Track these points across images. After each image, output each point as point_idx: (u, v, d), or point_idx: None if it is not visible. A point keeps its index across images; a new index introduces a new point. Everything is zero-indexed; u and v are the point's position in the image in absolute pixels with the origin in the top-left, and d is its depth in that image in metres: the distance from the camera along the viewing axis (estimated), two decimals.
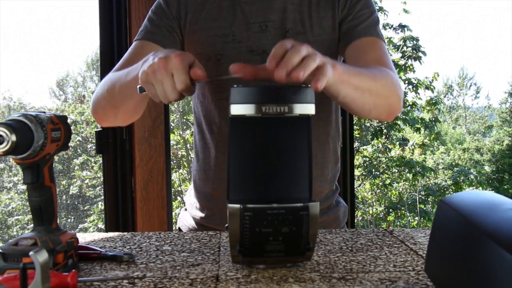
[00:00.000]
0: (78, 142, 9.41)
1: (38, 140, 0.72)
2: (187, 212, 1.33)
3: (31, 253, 0.59)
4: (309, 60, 0.79)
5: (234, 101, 0.75)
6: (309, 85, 0.78)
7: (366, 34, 1.17)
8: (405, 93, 7.34)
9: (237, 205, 0.73)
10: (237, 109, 0.74)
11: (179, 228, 1.36)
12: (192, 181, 1.33)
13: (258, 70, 0.83)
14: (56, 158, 0.88)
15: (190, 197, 1.34)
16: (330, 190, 1.28)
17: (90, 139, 8.88)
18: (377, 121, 7.19)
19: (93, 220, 8.47)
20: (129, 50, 1.20)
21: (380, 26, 1.25)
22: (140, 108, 1.12)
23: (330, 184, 1.27)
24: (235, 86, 0.76)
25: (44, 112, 0.76)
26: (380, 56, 1.15)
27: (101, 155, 1.98)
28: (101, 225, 8.21)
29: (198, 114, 1.28)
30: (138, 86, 0.88)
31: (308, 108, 0.75)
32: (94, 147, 8.45)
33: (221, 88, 1.19)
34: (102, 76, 1.93)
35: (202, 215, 1.26)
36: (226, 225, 0.76)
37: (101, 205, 8.58)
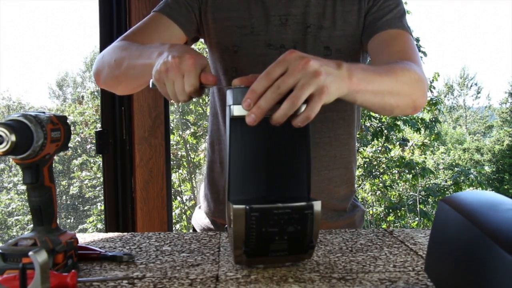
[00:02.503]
0: (77, 143, 9.42)
1: (37, 140, 0.72)
2: (201, 210, 1.32)
3: (30, 253, 0.59)
4: (299, 91, 0.72)
5: (236, 101, 0.75)
6: None
7: (391, 26, 1.14)
8: None
9: (242, 206, 0.73)
10: (238, 110, 0.74)
11: (193, 228, 1.35)
12: (206, 173, 1.31)
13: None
14: (56, 158, 0.88)
15: (204, 190, 1.32)
16: (347, 192, 1.24)
17: (89, 140, 8.89)
18: (377, 122, 7.21)
19: (93, 221, 8.47)
20: (145, 20, 1.18)
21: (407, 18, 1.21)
22: (141, 87, 1.11)
23: (347, 185, 1.24)
24: (233, 87, 0.77)
25: (44, 112, 0.76)
26: (405, 49, 1.11)
27: (101, 155, 1.98)
28: (100, 226, 8.21)
29: (214, 103, 1.26)
30: (150, 81, 0.88)
31: None
32: (93, 148, 8.46)
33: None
34: None
35: (216, 208, 1.25)
36: (226, 226, 0.76)
37: (100, 206, 8.58)
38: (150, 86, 0.88)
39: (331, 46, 1.15)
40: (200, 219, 1.31)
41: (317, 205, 0.75)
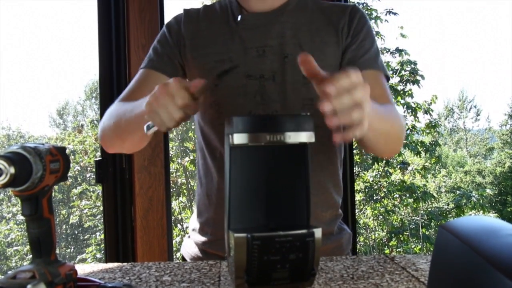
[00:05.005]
0: (77, 172, 9.41)
1: (36, 172, 0.72)
2: (190, 239, 1.32)
3: (29, 286, 0.59)
4: (356, 112, 0.77)
5: (237, 130, 0.76)
6: (308, 113, 0.80)
7: (368, 66, 1.18)
8: (404, 117, 7.37)
9: (244, 234, 0.74)
10: (240, 138, 0.75)
11: (182, 256, 1.35)
12: (196, 206, 1.32)
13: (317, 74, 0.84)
14: (55, 187, 0.89)
15: (193, 222, 1.33)
16: (333, 216, 1.26)
17: (89, 169, 8.88)
18: None
19: (92, 251, 8.40)
20: (135, 78, 1.25)
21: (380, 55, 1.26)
22: (146, 140, 1.18)
23: (333, 209, 1.26)
24: (235, 116, 0.78)
25: (43, 144, 0.77)
26: (383, 93, 1.16)
27: (100, 184, 1.98)
28: (99, 256, 8.14)
29: (199, 139, 1.28)
30: (145, 126, 0.91)
31: (308, 136, 0.78)
32: (93, 177, 8.44)
33: (220, 113, 1.19)
34: (101, 105, 1.94)
35: (205, 240, 1.25)
36: (226, 254, 0.76)
37: (100, 235, 8.51)
38: (145, 131, 0.91)
39: None
40: (190, 248, 1.31)
41: (318, 232, 0.76)
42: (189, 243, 1.33)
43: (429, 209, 8.35)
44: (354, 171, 6.69)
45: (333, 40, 1.19)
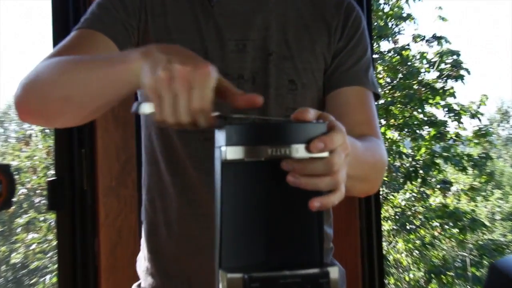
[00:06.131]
0: (22, 196, 9.37)
1: None
2: None
3: None
4: (333, 180, 0.80)
5: (229, 142, 0.75)
6: (324, 121, 0.80)
7: (356, 81, 1.23)
8: (445, 123, 7.40)
9: (239, 275, 0.73)
10: (234, 153, 0.75)
11: None
12: (144, 237, 1.30)
13: None
14: None
15: (141, 262, 1.31)
16: (326, 248, 1.28)
17: (38, 191, 8.84)
18: (410, 160, 7.23)
19: None
20: (71, 38, 1.16)
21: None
22: (95, 114, 1.07)
23: (325, 241, 1.26)
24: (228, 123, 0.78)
25: None
26: (369, 119, 1.21)
27: (54, 211, 1.98)
28: None
29: (150, 148, 1.26)
30: (136, 103, 0.84)
31: None
32: (44, 202, 8.38)
33: None
34: None
35: (165, 285, 1.23)
36: None
37: (50, 279, 8.44)
38: (133, 109, 0.84)
39: (297, 80, 1.21)
40: None
41: (334, 272, 0.76)
42: None
43: (480, 242, 8.33)
44: (381, 192, 6.70)
45: (324, 41, 1.23)
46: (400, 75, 7.50)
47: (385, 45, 7.85)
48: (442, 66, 7.56)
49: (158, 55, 0.83)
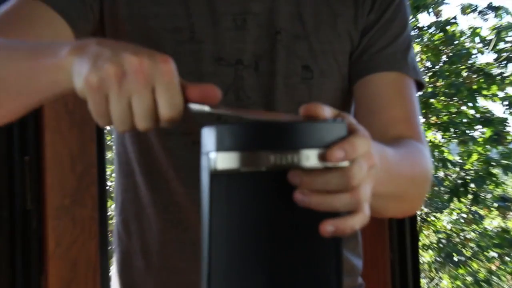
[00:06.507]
0: None
1: None
2: None
3: None
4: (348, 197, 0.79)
5: (222, 146, 0.75)
6: (342, 120, 0.80)
7: (392, 66, 1.22)
8: (504, 120, 7.34)
9: None
10: (226, 161, 0.75)
11: None
12: (115, 270, 1.32)
13: None
14: None
15: None
16: (354, 285, 1.30)
17: None
18: (458, 170, 7.21)
19: None
20: (12, 6, 1.15)
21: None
22: (20, 112, 1.05)
23: (350, 277, 1.28)
24: (211, 124, 0.77)
25: None
26: (409, 116, 1.21)
27: None
28: None
29: (124, 156, 1.27)
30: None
31: None
32: None
33: None
34: None
35: None
36: None
37: None
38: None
39: (313, 66, 1.21)
40: None
41: None
42: None
43: None
44: (419, 213, 6.69)
45: (349, 14, 1.22)
46: (444, 58, 7.46)
47: (424, 19, 7.79)
48: (501, 45, 7.54)
49: (98, 48, 0.82)
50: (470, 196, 7.18)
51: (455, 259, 7.62)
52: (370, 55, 1.21)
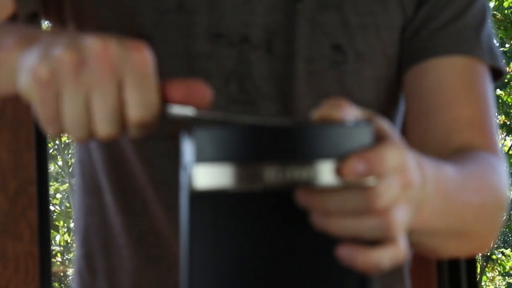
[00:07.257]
0: None
1: None
2: None
3: None
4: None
5: (203, 157, 0.71)
6: (367, 123, 0.75)
7: (460, 47, 1.16)
8: None
9: None
10: (210, 177, 0.71)
11: None
12: None
13: None
14: None
15: None
16: None
17: None
18: None
19: None
20: None
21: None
22: None
23: (400, 283, 1.28)
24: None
25: None
26: (481, 117, 1.15)
27: None
28: None
29: (88, 168, 1.24)
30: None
31: None
32: None
33: None
34: None
35: None
36: None
37: None
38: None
39: (346, 46, 1.16)
40: None
41: None
42: None
43: None
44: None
45: None
46: None
47: None
48: None
49: (52, 36, 0.82)
50: None
51: None
52: (430, 32, 1.15)
